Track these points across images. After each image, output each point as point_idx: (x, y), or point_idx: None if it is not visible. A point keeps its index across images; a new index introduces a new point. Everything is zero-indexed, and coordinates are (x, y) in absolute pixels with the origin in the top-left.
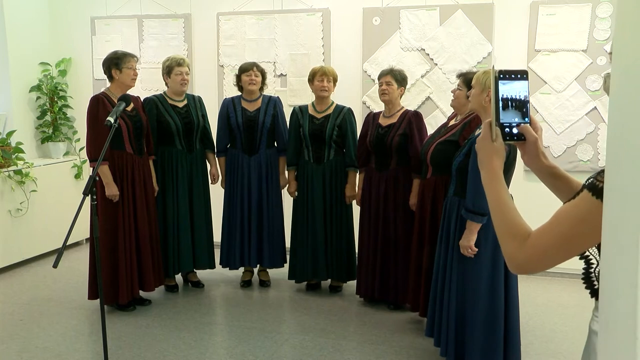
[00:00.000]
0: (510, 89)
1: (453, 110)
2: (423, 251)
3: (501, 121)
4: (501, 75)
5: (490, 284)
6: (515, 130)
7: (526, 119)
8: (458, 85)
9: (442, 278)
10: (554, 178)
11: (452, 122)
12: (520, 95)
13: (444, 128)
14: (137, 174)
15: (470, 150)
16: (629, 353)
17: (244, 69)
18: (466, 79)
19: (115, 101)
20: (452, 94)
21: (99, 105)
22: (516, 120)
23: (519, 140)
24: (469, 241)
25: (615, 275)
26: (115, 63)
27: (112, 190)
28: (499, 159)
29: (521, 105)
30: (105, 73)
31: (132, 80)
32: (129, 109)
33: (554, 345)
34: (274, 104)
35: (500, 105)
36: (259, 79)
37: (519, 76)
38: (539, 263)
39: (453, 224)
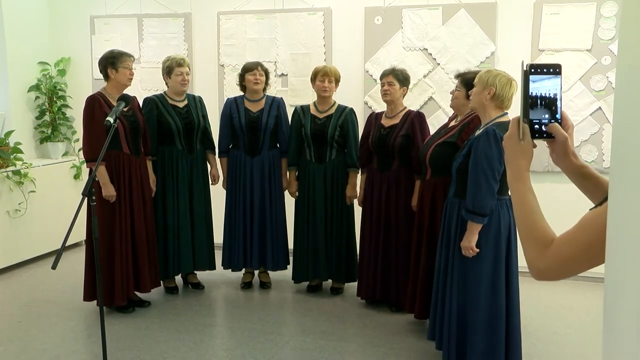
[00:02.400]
0: (540, 86)
1: (454, 111)
2: (421, 253)
3: (530, 118)
4: (532, 70)
5: (491, 285)
6: (544, 128)
7: (557, 116)
8: (457, 85)
9: (443, 281)
10: (583, 178)
11: (452, 123)
12: (550, 93)
13: (444, 129)
14: (134, 175)
15: (470, 151)
16: (632, 351)
17: (248, 69)
18: (464, 79)
19: (111, 101)
20: (451, 95)
21: (95, 105)
22: (546, 117)
23: (548, 138)
24: (469, 242)
25: (619, 274)
26: (112, 62)
27: (109, 190)
28: (525, 159)
29: (551, 103)
30: (101, 72)
31: (129, 80)
32: (125, 109)
33: (555, 348)
34: (277, 104)
35: (529, 102)
36: (263, 78)
37: (551, 70)
38: (561, 271)
39: (454, 225)
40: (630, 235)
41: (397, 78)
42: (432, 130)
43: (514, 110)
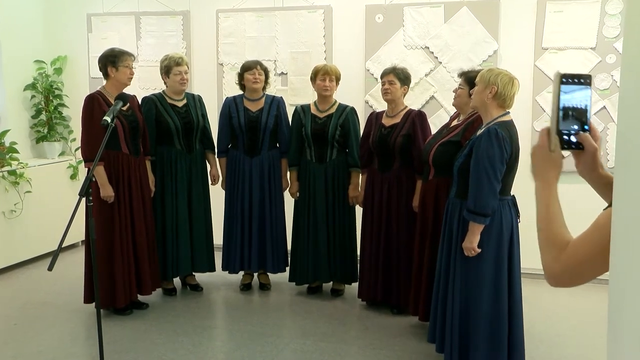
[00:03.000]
0: (571, 98)
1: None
2: (424, 254)
3: (559, 128)
4: (564, 80)
5: (494, 286)
6: (573, 139)
7: (585, 127)
8: (460, 84)
9: (445, 282)
10: (607, 188)
11: (454, 123)
12: (581, 104)
13: (446, 129)
14: (133, 175)
15: (472, 151)
16: (637, 353)
17: (247, 67)
18: (468, 78)
19: (111, 100)
20: (454, 93)
21: (94, 104)
22: (575, 128)
23: (577, 149)
24: (471, 242)
25: (624, 274)
26: (112, 61)
27: (107, 191)
28: (555, 170)
29: (581, 114)
30: (100, 70)
31: (129, 79)
32: (124, 108)
33: (559, 350)
34: (277, 104)
35: (561, 114)
36: (263, 77)
37: (582, 81)
38: (577, 274)
39: (455, 226)
40: (635, 235)
41: (398, 77)
42: (434, 130)
43: (516, 109)
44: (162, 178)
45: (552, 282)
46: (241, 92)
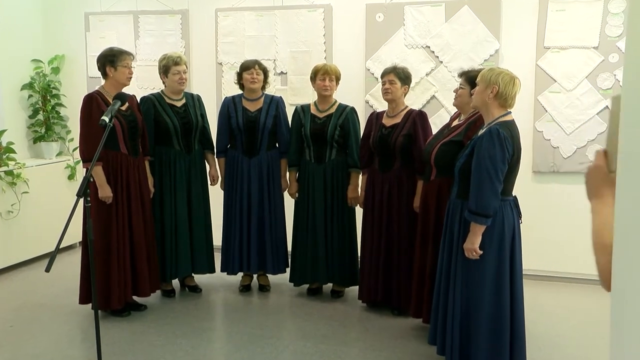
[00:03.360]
0: None
1: (457, 110)
2: (426, 256)
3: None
4: None
5: (495, 288)
6: None
7: None
8: (460, 84)
9: (446, 283)
10: None
11: (455, 122)
12: None
13: (447, 129)
14: (132, 176)
15: (473, 151)
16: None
17: (246, 67)
18: (469, 77)
19: (110, 100)
20: (455, 93)
21: (92, 104)
22: None
23: None
24: (472, 244)
25: (625, 274)
26: (111, 60)
27: (105, 192)
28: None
29: None
30: (99, 70)
31: (128, 79)
32: (123, 108)
33: (560, 351)
34: (276, 104)
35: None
36: (261, 77)
37: None
38: None
39: (456, 227)
40: (636, 236)
41: (399, 76)
42: (435, 130)
43: (517, 109)
44: (161, 179)
45: (607, 286)
46: (240, 92)
